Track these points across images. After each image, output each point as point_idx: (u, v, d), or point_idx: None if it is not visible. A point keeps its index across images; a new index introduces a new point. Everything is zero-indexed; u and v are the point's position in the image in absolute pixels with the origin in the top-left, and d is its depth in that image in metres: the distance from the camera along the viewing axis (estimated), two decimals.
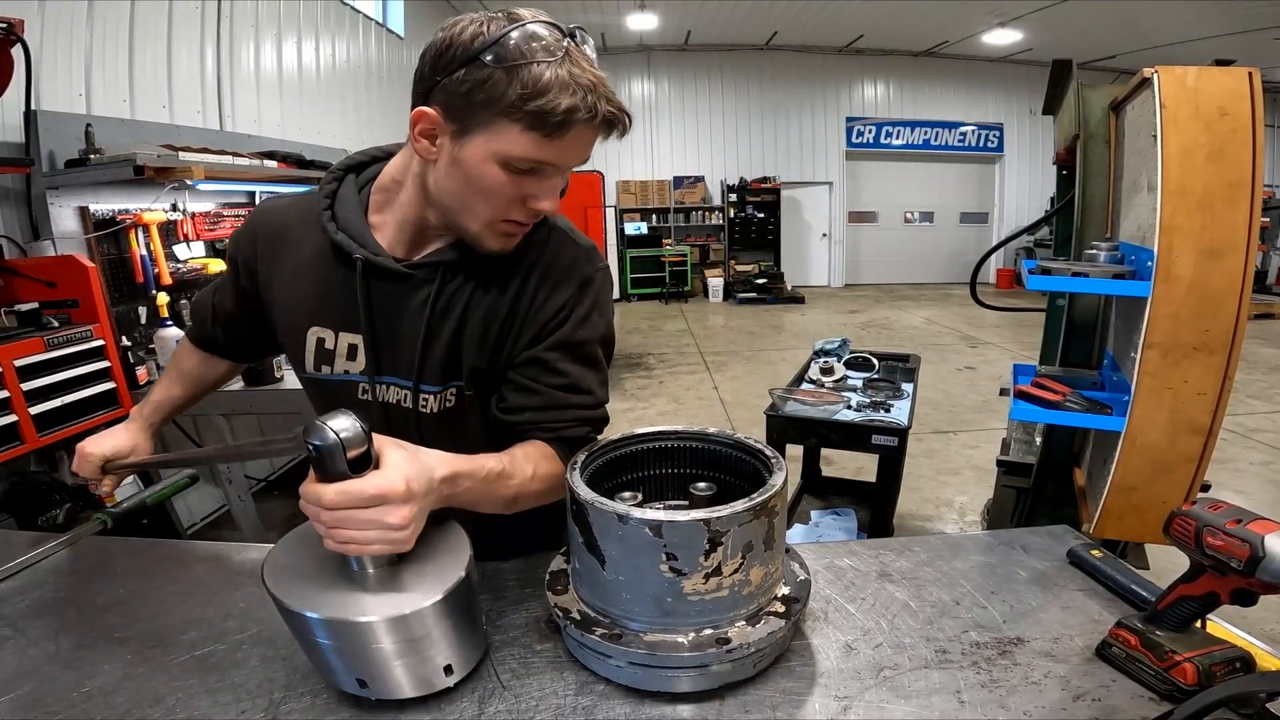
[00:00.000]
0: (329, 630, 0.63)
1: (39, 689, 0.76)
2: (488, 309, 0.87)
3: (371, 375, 0.91)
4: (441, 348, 0.87)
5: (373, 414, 0.92)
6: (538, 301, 0.87)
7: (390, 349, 0.89)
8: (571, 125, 0.71)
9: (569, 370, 0.88)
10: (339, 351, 0.91)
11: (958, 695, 0.71)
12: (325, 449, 0.60)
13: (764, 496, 0.69)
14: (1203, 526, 0.67)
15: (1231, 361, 1.23)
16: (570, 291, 0.87)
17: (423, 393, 0.90)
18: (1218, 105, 1.22)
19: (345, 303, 0.88)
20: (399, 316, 0.88)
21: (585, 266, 0.90)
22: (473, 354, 0.88)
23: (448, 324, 0.87)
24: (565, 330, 0.87)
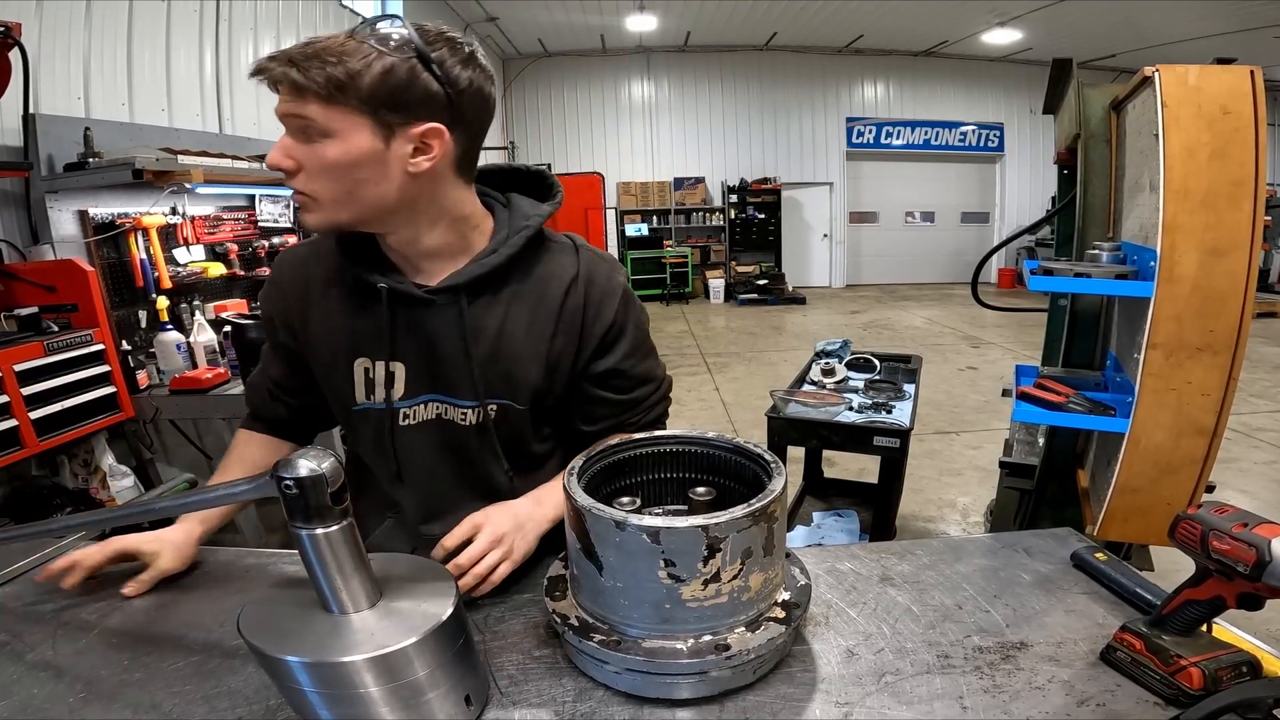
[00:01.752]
0: (311, 675, 0.60)
1: (35, 695, 0.76)
2: (529, 327, 0.90)
3: (412, 397, 0.93)
4: (478, 365, 0.89)
5: (411, 437, 0.94)
6: (589, 316, 0.91)
7: (428, 371, 0.91)
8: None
9: (639, 371, 0.96)
10: (378, 380, 0.92)
11: (960, 701, 0.70)
12: (309, 484, 0.58)
13: (763, 502, 0.68)
14: (1208, 530, 0.66)
15: (1236, 362, 1.22)
16: (616, 303, 0.93)
17: (460, 408, 0.92)
18: (1220, 104, 1.21)
19: (380, 332, 0.89)
20: (433, 339, 0.89)
21: (617, 275, 0.95)
22: (535, 375, 0.91)
23: (483, 342, 0.89)
24: (629, 338, 0.94)
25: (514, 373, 0.90)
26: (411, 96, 0.73)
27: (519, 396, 0.92)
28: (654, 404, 1.00)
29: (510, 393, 0.92)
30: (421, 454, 0.95)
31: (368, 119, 0.73)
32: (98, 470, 2.35)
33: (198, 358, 2.52)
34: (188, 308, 2.88)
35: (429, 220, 0.84)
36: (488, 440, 0.93)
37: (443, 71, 0.74)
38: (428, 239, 0.86)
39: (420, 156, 0.76)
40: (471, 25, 8.90)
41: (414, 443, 0.94)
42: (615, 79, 11.34)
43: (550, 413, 0.98)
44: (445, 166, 0.80)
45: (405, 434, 0.94)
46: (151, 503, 0.78)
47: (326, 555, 0.61)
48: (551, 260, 0.91)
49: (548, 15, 9.02)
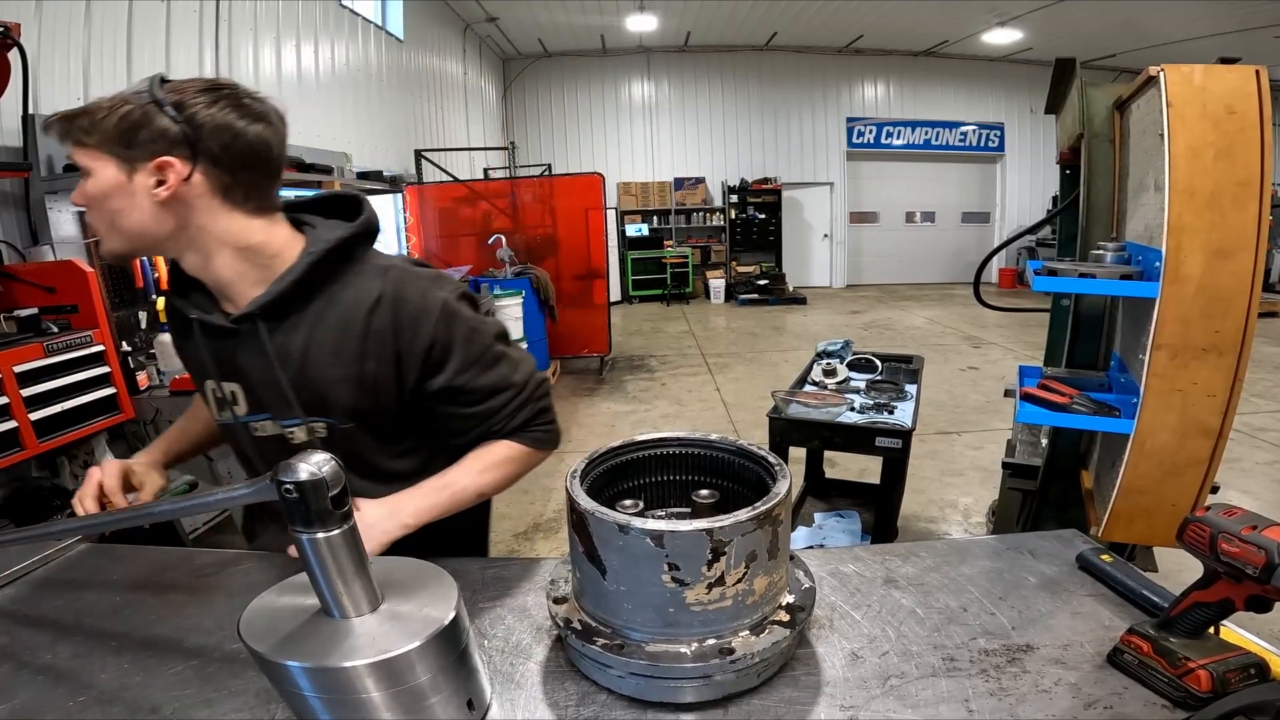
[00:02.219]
0: (312, 680, 0.59)
1: (35, 698, 0.76)
2: (335, 349, 0.93)
3: (250, 414, 1.00)
4: (289, 388, 0.94)
5: (264, 449, 1.02)
6: (404, 339, 0.93)
7: (253, 393, 0.98)
8: None
9: (482, 383, 0.97)
10: (226, 398, 1.00)
11: (966, 704, 0.70)
12: (309, 487, 0.58)
13: (768, 505, 0.68)
14: (1217, 533, 0.66)
15: (1241, 362, 1.21)
16: (434, 321, 0.93)
17: (287, 427, 0.98)
18: (1225, 103, 1.20)
19: (212, 357, 0.97)
20: (247, 364, 0.96)
21: (437, 292, 0.95)
22: (348, 397, 0.95)
23: (291, 365, 0.93)
24: (458, 354, 0.95)
25: (327, 393, 0.94)
26: (144, 134, 0.81)
27: (338, 415, 0.96)
28: (515, 410, 1.00)
29: (328, 412, 0.96)
30: (268, 457, 1.00)
31: (110, 157, 0.82)
32: None
33: None
34: None
35: (208, 249, 0.89)
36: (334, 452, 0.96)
37: (180, 112, 0.81)
38: (217, 268, 0.91)
39: (160, 186, 0.83)
40: (472, 25, 8.90)
41: (270, 453, 1.01)
42: (615, 79, 11.34)
43: (398, 431, 1.01)
44: (202, 196, 0.85)
45: (262, 445, 1.02)
46: (151, 505, 0.77)
47: (327, 559, 0.61)
48: (357, 283, 0.93)
49: (548, 15, 9.02)
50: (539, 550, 3.27)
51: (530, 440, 1.03)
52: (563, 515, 3.48)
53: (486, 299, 5.29)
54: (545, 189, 6.66)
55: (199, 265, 0.91)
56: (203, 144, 0.83)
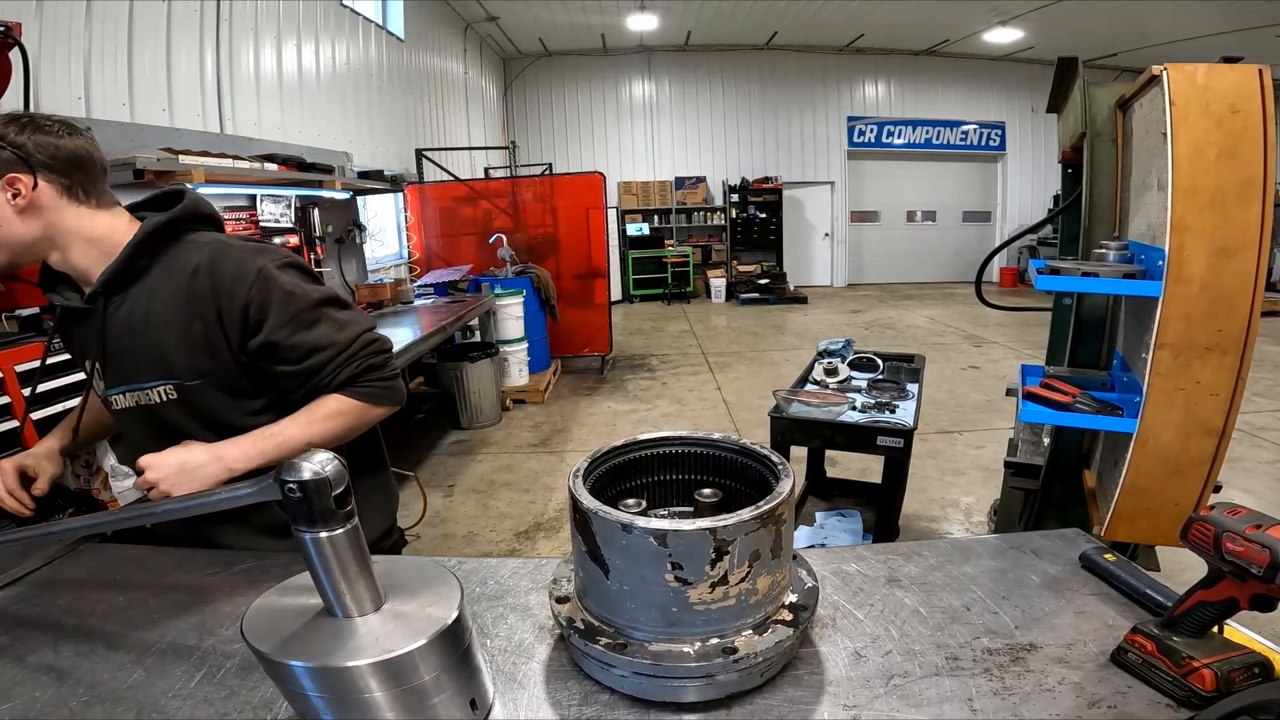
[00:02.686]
0: (316, 679, 0.59)
1: (37, 698, 0.75)
2: (167, 316, 1.05)
3: (111, 388, 1.11)
4: (137, 354, 1.06)
5: (124, 423, 1.14)
6: (223, 301, 1.03)
7: (110, 365, 1.10)
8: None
9: (299, 340, 1.06)
10: (93, 375, 1.13)
11: (970, 703, 0.70)
12: (312, 487, 0.58)
13: (771, 504, 0.67)
14: (1221, 532, 0.65)
15: (1245, 362, 1.21)
16: (249, 284, 1.03)
17: (141, 389, 1.09)
18: (1228, 102, 1.20)
19: (76, 339, 1.13)
20: (103, 338, 1.08)
21: (255, 260, 1.05)
22: (185, 356, 1.05)
23: (134, 333, 1.06)
24: (274, 314, 1.04)
25: (167, 355, 1.05)
26: None
27: (181, 374, 1.07)
28: (339, 366, 1.08)
29: (172, 372, 1.07)
30: (135, 431, 1.14)
31: None
32: (99, 471, 2.34)
33: None
34: None
35: (64, 242, 1.04)
36: (184, 413, 1.09)
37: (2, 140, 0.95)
38: (74, 258, 1.05)
39: (17, 199, 0.98)
40: (472, 25, 8.90)
41: (127, 421, 1.14)
42: (616, 78, 11.34)
43: (246, 387, 1.10)
44: (51, 199, 1.00)
45: (121, 416, 1.14)
46: (153, 505, 0.77)
47: (330, 559, 0.61)
48: (180, 257, 1.06)
49: (548, 15, 9.02)
50: (541, 550, 3.27)
51: (360, 395, 1.10)
52: (564, 515, 3.49)
53: (487, 298, 5.29)
54: (546, 188, 6.66)
55: (61, 260, 1.06)
56: (34, 158, 0.97)
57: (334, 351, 1.07)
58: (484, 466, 4.30)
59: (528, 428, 5.00)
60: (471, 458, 4.45)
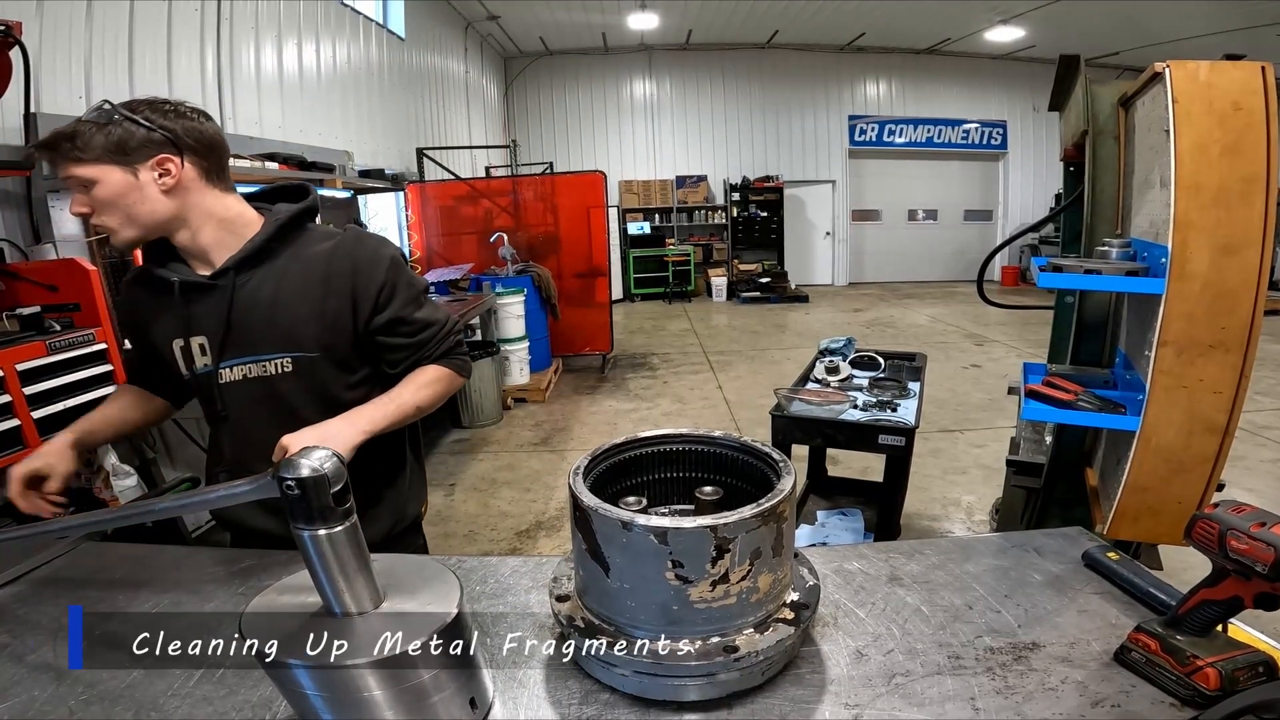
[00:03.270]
0: (314, 678, 0.59)
1: (36, 697, 0.75)
2: (300, 292, 1.13)
3: (217, 363, 1.16)
4: (262, 327, 1.13)
5: (231, 392, 1.18)
6: (360, 281, 1.15)
7: (226, 339, 1.14)
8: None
9: (419, 316, 1.20)
10: (194, 352, 1.16)
11: (972, 702, 0.69)
12: (311, 484, 0.58)
13: (772, 502, 0.67)
14: (1226, 530, 0.65)
15: (1248, 359, 1.20)
16: (385, 267, 1.16)
17: (262, 362, 1.15)
18: (1231, 100, 1.19)
19: (182, 317, 1.15)
20: (223, 312, 1.13)
21: (384, 249, 1.19)
22: (313, 329, 1.14)
23: (261, 308, 1.13)
24: (401, 293, 1.18)
25: (294, 329, 1.14)
26: (134, 143, 1.02)
27: (306, 346, 1.15)
28: (441, 339, 1.22)
29: (297, 345, 1.14)
30: (242, 405, 1.18)
31: (113, 165, 1.02)
32: (100, 470, 2.34)
33: None
34: None
35: (198, 222, 1.11)
36: (297, 385, 1.16)
37: (150, 121, 1.02)
38: (203, 237, 1.12)
39: (165, 178, 1.05)
40: (473, 24, 8.89)
41: (234, 396, 1.18)
42: (617, 77, 11.33)
43: (354, 361, 1.20)
44: (193, 180, 1.08)
45: (227, 391, 1.18)
46: (150, 504, 0.77)
47: (329, 556, 0.61)
48: (313, 242, 1.17)
49: (549, 14, 9.01)
50: (541, 548, 3.27)
51: (453, 365, 1.24)
52: (565, 513, 3.48)
53: (488, 296, 5.29)
54: (547, 187, 6.65)
55: (189, 239, 1.12)
56: (182, 141, 1.05)
57: (438, 328, 1.22)
58: (485, 465, 4.29)
59: (529, 426, 5.00)
60: (472, 456, 4.45)
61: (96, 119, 1.01)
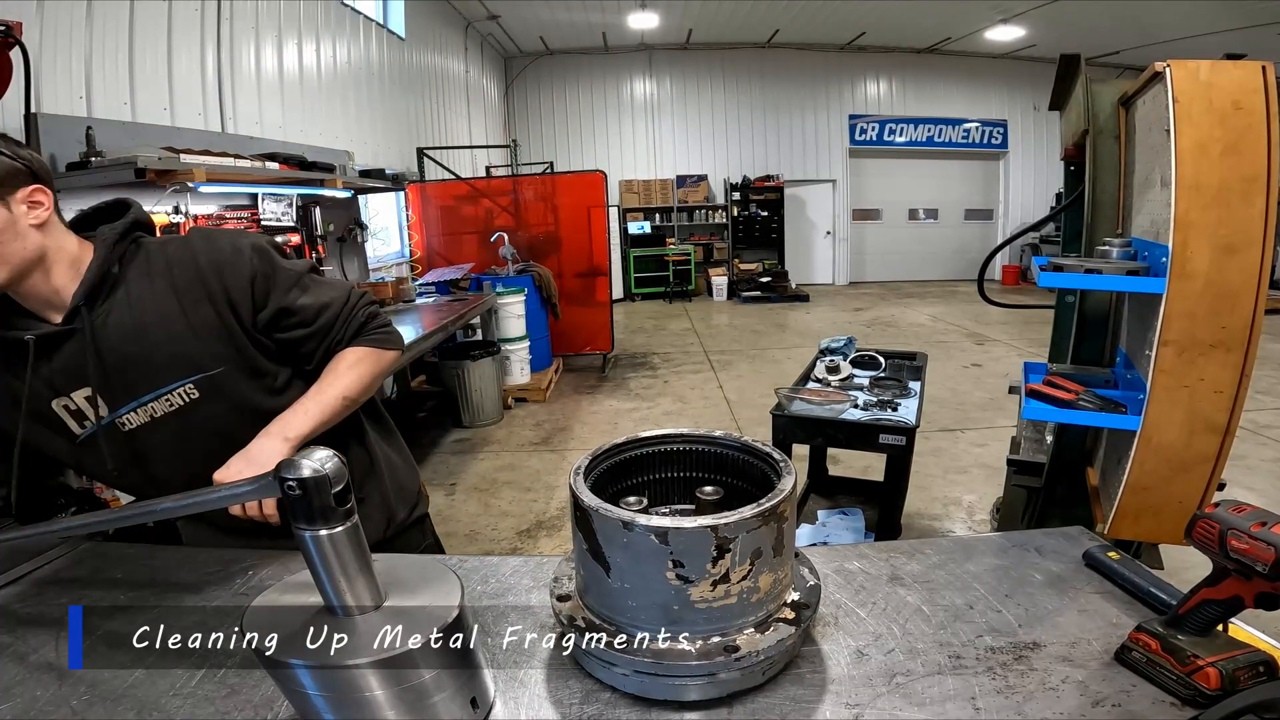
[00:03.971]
0: (316, 678, 0.59)
1: (38, 697, 0.75)
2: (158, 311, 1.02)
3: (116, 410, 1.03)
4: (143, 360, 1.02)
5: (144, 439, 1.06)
6: (229, 279, 1.03)
7: (111, 384, 1.02)
8: None
9: (308, 301, 1.08)
10: (81, 409, 1.03)
11: (973, 702, 0.69)
12: (312, 484, 0.58)
13: (773, 502, 0.67)
14: (1227, 529, 0.65)
15: (1249, 359, 1.20)
16: (248, 256, 1.05)
17: (161, 395, 1.04)
18: (1232, 99, 1.19)
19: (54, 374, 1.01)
20: (90, 358, 1.00)
21: (244, 238, 1.08)
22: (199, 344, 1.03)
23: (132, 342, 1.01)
24: (279, 281, 1.06)
25: (180, 351, 1.03)
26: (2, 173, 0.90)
27: (203, 365, 1.04)
28: (346, 319, 1.12)
29: (192, 366, 1.04)
30: (163, 448, 1.07)
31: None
32: None
33: None
34: None
35: (55, 264, 0.99)
36: (216, 408, 1.06)
37: (12, 152, 0.92)
38: (55, 280, 0.99)
39: (37, 211, 0.95)
40: (473, 23, 8.89)
41: (148, 442, 1.06)
42: (617, 77, 11.32)
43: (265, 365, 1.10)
44: (53, 215, 0.98)
45: (136, 438, 1.05)
46: (153, 504, 0.77)
47: (330, 557, 0.61)
48: (153, 257, 1.05)
49: (549, 14, 9.01)
50: (542, 548, 3.27)
51: (372, 341, 1.14)
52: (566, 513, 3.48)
53: (488, 296, 5.29)
54: (547, 187, 6.65)
55: (41, 281, 0.99)
56: (42, 172, 0.96)
57: (339, 306, 1.11)
58: (486, 465, 4.30)
59: (529, 426, 5.00)
60: (473, 456, 4.45)
61: None
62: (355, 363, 1.11)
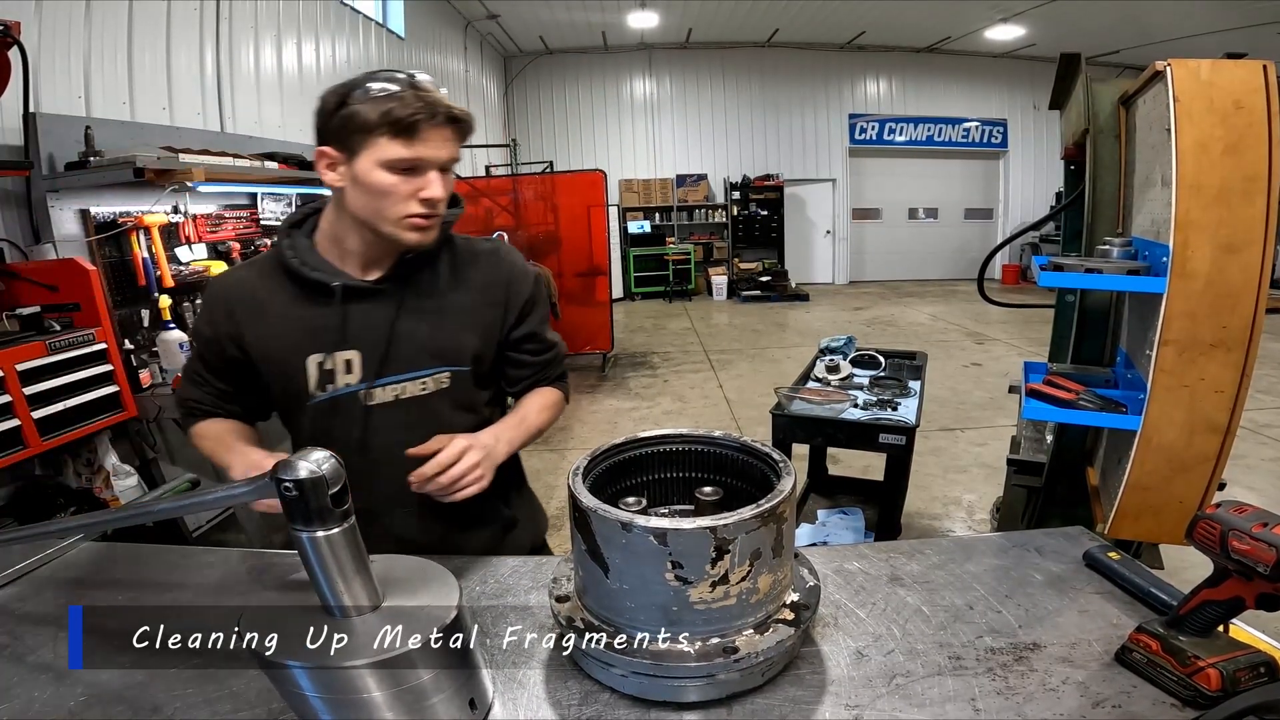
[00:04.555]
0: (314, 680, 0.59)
1: (36, 698, 0.75)
2: (458, 301, 1.09)
3: (371, 381, 1.05)
4: (423, 339, 1.06)
5: (378, 417, 1.07)
6: (512, 292, 1.12)
7: (383, 353, 1.05)
8: (419, 126, 0.92)
9: (549, 335, 1.19)
10: (338, 369, 1.05)
11: (973, 703, 0.69)
12: (309, 485, 0.57)
13: (772, 503, 0.67)
14: (1228, 530, 0.65)
15: (1250, 358, 1.20)
16: (530, 281, 1.16)
17: (419, 379, 1.07)
18: (1233, 98, 1.19)
19: (332, 328, 1.03)
20: (383, 323, 1.04)
21: (530, 268, 1.18)
22: (472, 339, 1.09)
23: (424, 318, 1.06)
24: (539, 310, 1.17)
25: (457, 339, 1.08)
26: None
27: (462, 359, 1.09)
28: (558, 361, 1.21)
29: (455, 358, 1.09)
30: (386, 431, 1.06)
31: None
32: (101, 470, 2.35)
33: None
34: (190, 306, 2.87)
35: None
36: (448, 403, 1.09)
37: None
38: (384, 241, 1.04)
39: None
40: (473, 23, 8.88)
41: (379, 421, 1.07)
42: (617, 76, 11.31)
43: (491, 377, 1.17)
44: None
45: (371, 415, 1.06)
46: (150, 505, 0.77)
47: (328, 558, 0.60)
48: (464, 251, 1.12)
49: (549, 13, 9.00)
50: None
51: (564, 390, 1.22)
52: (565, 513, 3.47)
53: None
54: (547, 186, 6.64)
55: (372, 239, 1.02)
56: None
57: (559, 350, 1.21)
58: None
59: None
60: None
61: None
62: (554, 404, 1.18)
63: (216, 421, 1.13)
